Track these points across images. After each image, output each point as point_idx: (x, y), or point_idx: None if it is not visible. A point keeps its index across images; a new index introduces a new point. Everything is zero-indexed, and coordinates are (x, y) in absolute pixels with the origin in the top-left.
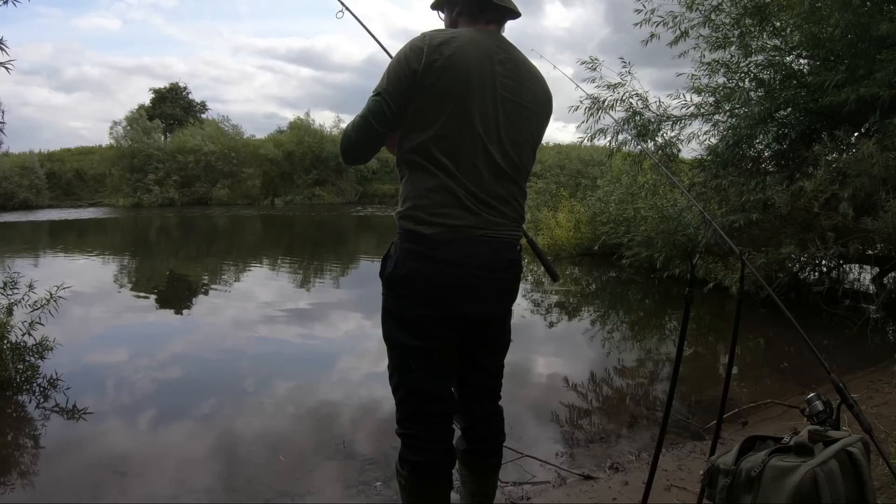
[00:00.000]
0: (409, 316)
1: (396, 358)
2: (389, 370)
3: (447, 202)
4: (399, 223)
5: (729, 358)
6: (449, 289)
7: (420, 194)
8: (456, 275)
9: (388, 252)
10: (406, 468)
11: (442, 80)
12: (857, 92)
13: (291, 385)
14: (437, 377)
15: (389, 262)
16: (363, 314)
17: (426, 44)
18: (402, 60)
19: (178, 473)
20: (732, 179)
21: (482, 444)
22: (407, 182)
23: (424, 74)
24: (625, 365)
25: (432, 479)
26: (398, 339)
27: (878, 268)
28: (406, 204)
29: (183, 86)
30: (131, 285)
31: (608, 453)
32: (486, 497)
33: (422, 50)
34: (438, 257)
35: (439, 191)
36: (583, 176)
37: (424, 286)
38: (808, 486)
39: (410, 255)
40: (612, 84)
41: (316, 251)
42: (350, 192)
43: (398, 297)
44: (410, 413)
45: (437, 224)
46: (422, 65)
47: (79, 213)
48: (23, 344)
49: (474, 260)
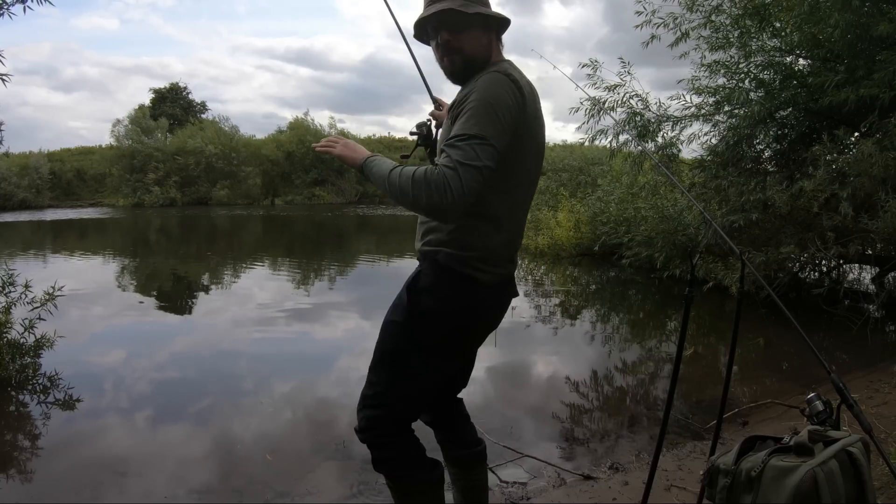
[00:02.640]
0: (439, 347)
1: (398, 385)
2: (375, 386)
3: (502, 254)
4: (449, 263)
5: (729, 358)
6: (482, 327)
7: (482, 244)
8: (491, 315)
9: (424, 281)
10: (386, 468)
11: (524, 145)
12: (856, 92)
13: (291, 385)
14: (426, 404)
15: (432, 297)
16: (363, 314)
17: (519, 92)
18: (511, 109)
19: (178, 473)
20: (732, 179)
21: (462, 438)
22: (476, 225)
23: (519, 124)
24: (625, 365)
25: (414, 470)
26: (413, 371)
27: (878, 268)
28: (471, 246)
29: (183, 86)
30: (131, 285)
31: (608, 453)
32: (478, 492)
33: (520, 99)
34: (487, 300)
35: (499, 244)
36: (583, 173)
37: (467, 326)
38: (808, 486)
39: (462, 297)
40: (612, 85)
41: (316, 251)
42: (350, 192)
43: (434, 330)
44: (380, 430)
45: (493, 272)
46: (520, 114)
47: (79, 213)
48: (22, 342)
49: (504, 301)
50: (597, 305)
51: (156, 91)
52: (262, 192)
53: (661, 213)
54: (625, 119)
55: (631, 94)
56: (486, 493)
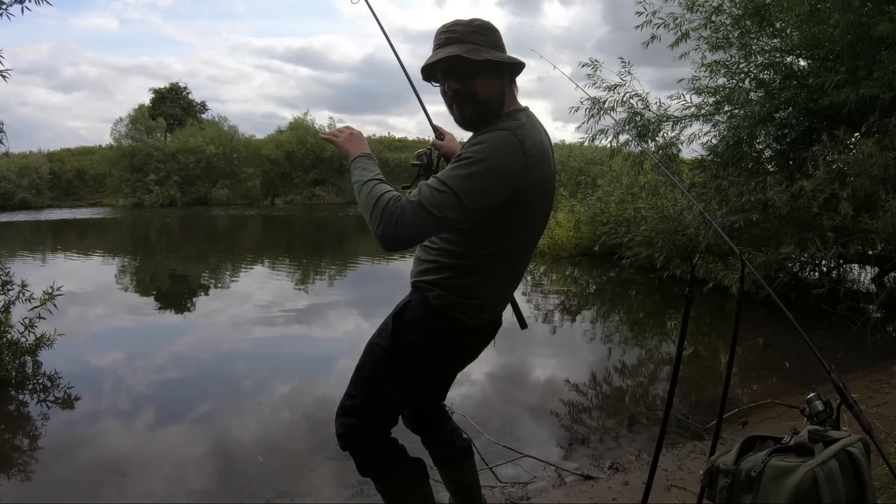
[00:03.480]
0: (414, 380)
1: (374, 401)
2: (353, 398)
3: (492, 303)
4: (438, 305)
5: (729, 358)
6: (461, 362)
7: (480, 288)
8: (472, 353)
9: (412, 315)
10: (368, 471)
11: (527, 203)
12: (856, 92)
13: (291, 386)
14: (396, 419)
15: (418, 333)
16: (362, 315)
17: (525, 163)
18: (505, 172)
19: (178, 473)
20: (732, 180)
21: (444, 437)
22: (470, 270)
23: (513, 197)
24: (625, 365)
25: (396, 469)
26: (388, 392)
27: (878, 268)
28: (461, 291)
29: (183, 86)
30: (131, 285)
31: (608, 453)
32: (470, 489)
33: (519, 171)
34: (470, 341)
35: (489, 295)
36: (583, 174)
37: (447, 363)
38: (808, 486)
39: (446, 338)
40: (612, 85)
41: (315, 251)
42: (350, 192)
43: (415, 364)
44: (354, 437)
45: (480, 317)
46: (511, 189)
47: (79, 213)
48: (22, 342)
49: (487, 339)
50: (597, 305)
51: (156, 91)
52: (262, 191)
53: (661, 213)
54: (625, 119)
55: (631, 94)
56: (479, 489)
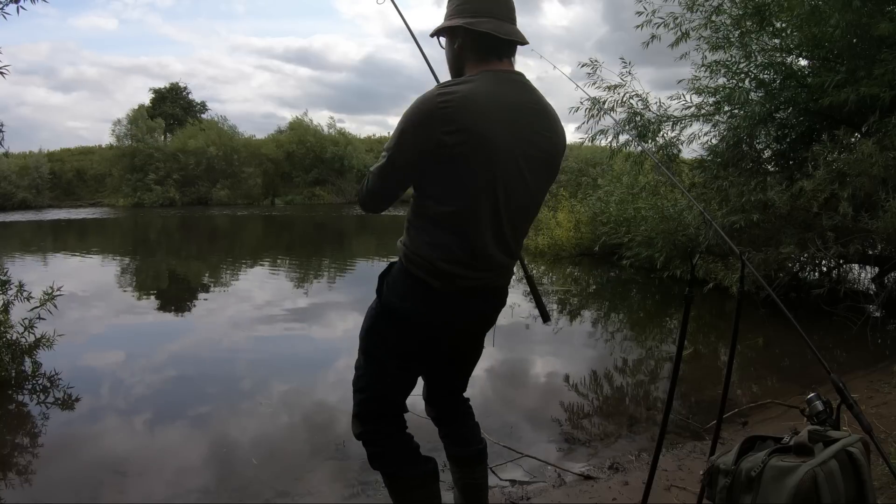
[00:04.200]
0: (400, 345)
1: (371, 367)
2: (358, 370)
3: (458, 269)
4: (408, 265)
5: (729, 358)
6: (444, 331)
7: (435, 258)
8: (453, 322)
9: (391, 275)
10: (377, 464)
11: (461, 147)
12: (857, 92)
13: (290, 386)
14: (401, 391)
15: (392, 292)
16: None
17: (441, 110)
18: (415, 131)
19: (178, 473)
20: (733, 180)
21: (463, 435)
22: (423, 230)
23: (440, 146)
24: (625, 365)
25: (406, 469)
26: (378, 355)
27: (878, 268)
28: (418, 252)
29: (183, 86)
30: (131, 285)
31: (608, 453)
32: (479, 490)
33: (434, 118)
34: (442, 307)
35: (452, 260)
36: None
37: (423, 325)
38: (808, 486)
39: (417, 297)
40: (612, 85)
41: (315, 251)
42: (350, 192)
43: (395, 325)
44: (367, 411)
45: (444, 280)
46: (435, 137)
47: (79, 213)
48: (22, 342)
49: (472, 310)
50: (597, 305)
51: (156, 91)
52: (262, 191)
53: (662, 213)
54: (625, 119)
55: (631, 94)
56: (486, 493)
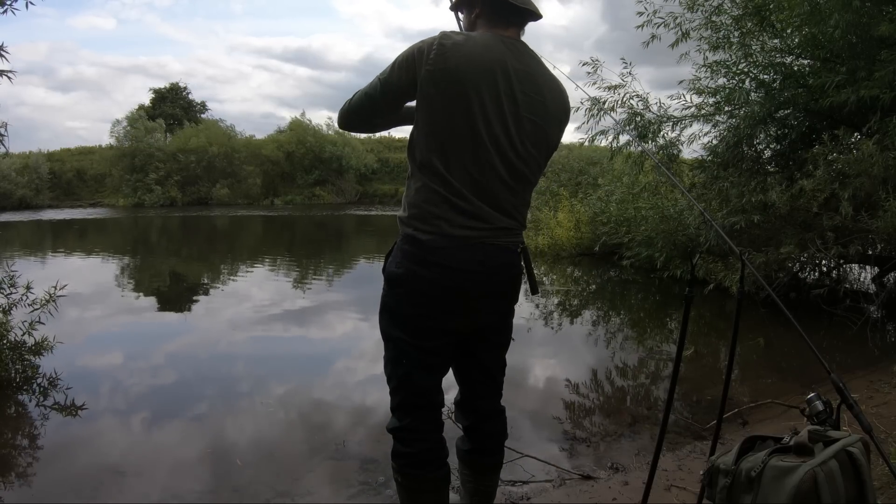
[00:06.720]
0: (403, 312)
1: (390, 351)
2: (384, 360)
3: (443, 211)
4: (400, 227)
5: (729, 358)
6: (442, 291)
7: (418, 202)
8: (449, 278)
9: (391, 250)
10: (400, 462)
11: (445, 89)
12: (857, 92)
13: (290, 386)
14: (425, 372)
15: (391, 261)
16: (362, 315)
17: (433, 49)
18: (408, 60)
19: (178, 474)
20: (733, 180)
21: (485, 442)
22: (410, 186)
23: (425, 82)
24: (625, 365)
25: (427, 469)
26: (392, 334)
27: (878, 268)
28: (407, 209)
29: (183, 86)
30: (131, 286)
31: (608, 453)
32: (486, 497)
33: (425, 54)
34: (432, 261)
35: (436, 201)
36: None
37: (419, 288)
38: (808, 486)
39: (408, 257)
40: (612, 85)
41: (316, 251)
42: (350, 192)
43: (395, 294)
44: (400, 403)
45: (432, 231)
46: (422, 71)
47: (79, 213)
48: (23, 343)
49: (467, 265)
50: (597, 305)
51: (156, 91)
52: (262, 191)
53: (662, 213)
54: (625, 119)
55: (631, 95)
56: (493, 499)
